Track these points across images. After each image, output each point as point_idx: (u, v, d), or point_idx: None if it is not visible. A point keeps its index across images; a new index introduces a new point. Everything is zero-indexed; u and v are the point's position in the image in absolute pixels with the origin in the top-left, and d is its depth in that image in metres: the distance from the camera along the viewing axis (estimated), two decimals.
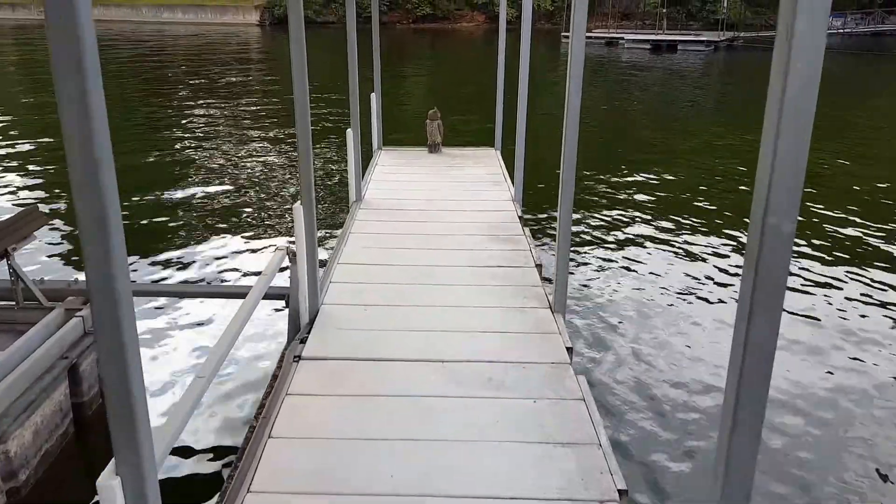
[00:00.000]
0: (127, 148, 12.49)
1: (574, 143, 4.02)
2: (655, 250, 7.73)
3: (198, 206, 9.19)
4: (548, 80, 23.57)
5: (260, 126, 14.70)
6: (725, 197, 10.09)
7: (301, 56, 3.79)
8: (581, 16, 3.76)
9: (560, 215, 4.15)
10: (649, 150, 13.32)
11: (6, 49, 34.17)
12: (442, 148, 9.25)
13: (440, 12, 53.11)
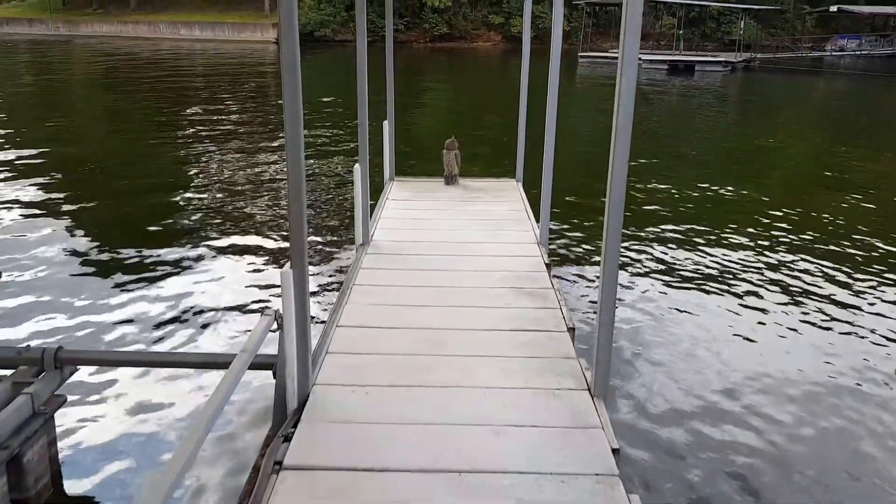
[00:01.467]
0: (135, 170, 11.99)
1: (622, 188, 3.30)
2: (716, 294, 6.97)
3: (196, 233, 8.58)
4: (562, 103, 22.95)
5: (273, 147, 14.17)
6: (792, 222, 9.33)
7: (295, 101, 3.14)
8: (632, 37, 3.07)
9: (603, 272, 3.40)
10: (697, 177, 12.54)
11: (22, 63, 34.09)
12: (459, 179, 8.59)
13: (457, 32, 52.85)
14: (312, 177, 11.53)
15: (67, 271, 7.19)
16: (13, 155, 12.79)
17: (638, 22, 3.08)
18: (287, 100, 3.12)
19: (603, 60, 38.21)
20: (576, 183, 11.26)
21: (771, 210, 10.15)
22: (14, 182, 10.87)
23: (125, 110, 19.44)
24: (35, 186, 10.60)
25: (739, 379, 5.21)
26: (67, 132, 15.75)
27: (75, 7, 64.37)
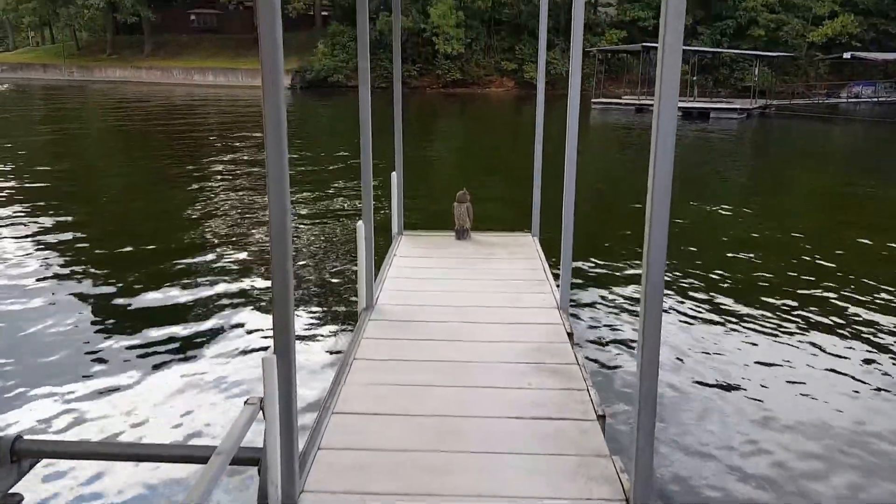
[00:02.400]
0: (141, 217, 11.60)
1: (662, 248, 2.76)
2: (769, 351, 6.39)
3: (200, 282, 8.09)
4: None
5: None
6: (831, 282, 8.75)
7: (280, 166, 2.65)
8: (671, 77, 2.55)
9: (643, 357, 2.83)
10: (736, 231, 11.95)
11: (34, 110, 34.35)
12: (471, 233, 8.09)
13: (470, 77, 53.16)
14: (314, 232, 11.07)
15: (36, 345, 6.62)
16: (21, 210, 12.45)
17: (676, 74, 2.55)
18: (271, 163, 2.63)
19: (615, 106, 38.12)
20: (593, 231, 10.76)
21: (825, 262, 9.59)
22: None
23: (136, 164, 19.19)
24: (16, 244, 10.16)
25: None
26: (74, 193, 15.01)
27: (89, 52, 65.48)
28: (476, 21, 52.90)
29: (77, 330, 6.97)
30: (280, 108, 2.59)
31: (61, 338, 6.73)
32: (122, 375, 5.90)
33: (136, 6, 60.01)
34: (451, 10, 49.73)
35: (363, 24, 5.29)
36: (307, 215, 12.11)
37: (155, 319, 7.14)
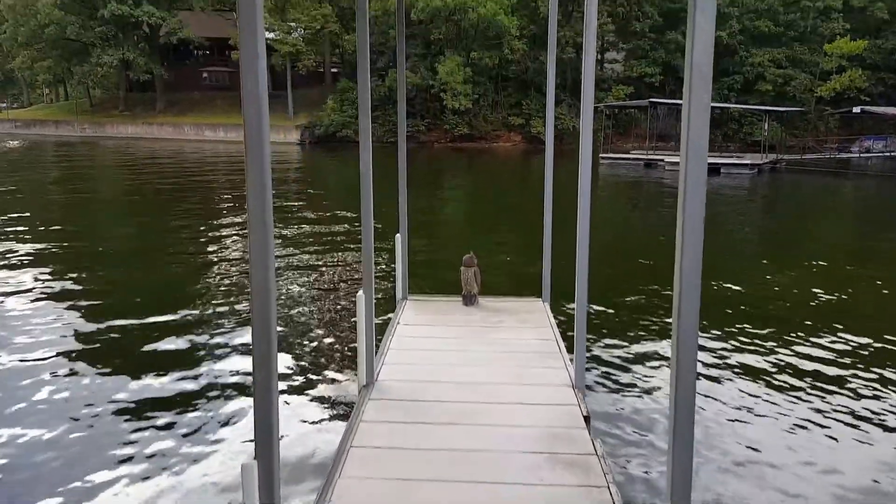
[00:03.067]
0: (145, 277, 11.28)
1: (693, 323, 2.37)
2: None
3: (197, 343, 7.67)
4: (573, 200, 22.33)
5: (292, 253, 13.49)
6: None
7: (266, 243, 2.33)
8: (698, 136, 2.24)
9: (673, 455, 2.41)
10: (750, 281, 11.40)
11: (46, 163, 34.61)
12: (479, 299, 7.70)
13: (477, 132, 53.52)
14: (313, 294, 10.66)
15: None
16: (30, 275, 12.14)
17: (705, 133, 2.23)
18: (254, 232, 2.31)
19: (624, 161, 38.08)
20: (607, 294, 10.30)
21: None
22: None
23: (145, 226, 19.00)
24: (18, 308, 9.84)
25: None
26: (81, 255, 14.48)
27: (102, 109, 66.57)
28: (483, 77, 53.53)
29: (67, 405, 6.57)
30: (264, 167, 2.30)
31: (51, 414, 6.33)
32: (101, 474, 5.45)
33: (149, 64, 61.22)
34: (459, 67, 50.38)
35: (364, 101, 5.04)
36: (307, 279, 11.65)
37: (138, 411, 6.53)
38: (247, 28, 2.24)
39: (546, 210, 7.41)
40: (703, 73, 2.15)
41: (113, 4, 56.01)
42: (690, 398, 2.31)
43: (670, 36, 54.07)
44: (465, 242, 15.44)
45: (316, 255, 13.45)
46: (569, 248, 5.29)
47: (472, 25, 50.13)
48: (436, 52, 52.84)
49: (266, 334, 2.35)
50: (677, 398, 2.31)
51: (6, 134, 63.68)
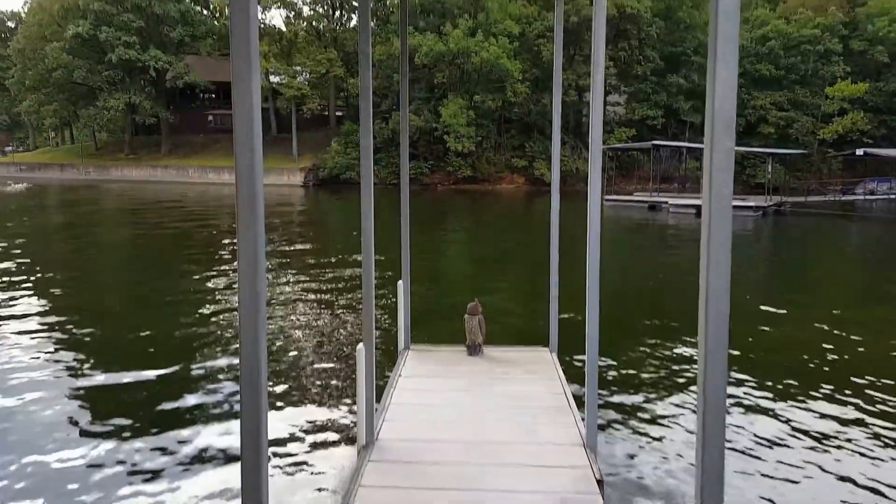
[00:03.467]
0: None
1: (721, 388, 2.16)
2: None
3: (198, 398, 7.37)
4: (580, 242, 22.04)
5: (293, 297, 13.21)
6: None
7: (256, 292, 2.11)
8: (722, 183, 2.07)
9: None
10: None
11: (48, 209, 34.63)
12: (484, 348, 7.42)
13: (481, 174, 53.66)
14: (312, 344, 10.35)
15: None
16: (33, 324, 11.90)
17: (729, 179, 2.10)
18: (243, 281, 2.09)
19: (627, 203, 38.01)
20: (617, 343, 10.00)
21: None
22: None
23: (146, 273, 18.83)
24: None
25: None
26: (81, 307, 14.20)
27: (107, 152, 67.03)
28: (486, 120, 53.91)
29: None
30: (256, 213, 2.08)
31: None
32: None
33: (155, 108, 61.83)
34: (462, 110, 50.75)
35: (366, 153, 4.87)
36: (305, 327, 11.28)
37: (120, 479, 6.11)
38: (241, 77, 2.08)
39: (552, 257, 7.18)
40: (727, 122, 2.06)
41: (121, 49, 56.79)
42: (719, 467, 2.10)
43: (672, 79, 54.60)
44: (468, 287, 15.22)
45: (315, 302, 13.13)
46: (573, 292, 5.05)
47: (475, 69, 50.65)
48: (439, 95, 53.31)
49: (255, 400, 2.10)
50: (704, 461, 2.10)
51: (10, 177, 63.98)
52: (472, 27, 51.26)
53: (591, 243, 4.89)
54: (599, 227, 5.00)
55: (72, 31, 56.48)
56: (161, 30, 61.29)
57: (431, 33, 51.43)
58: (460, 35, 49.65)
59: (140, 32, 59.42)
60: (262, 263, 2.14)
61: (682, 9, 56.17)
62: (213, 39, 62.82)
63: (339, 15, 62.26)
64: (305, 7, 60.02)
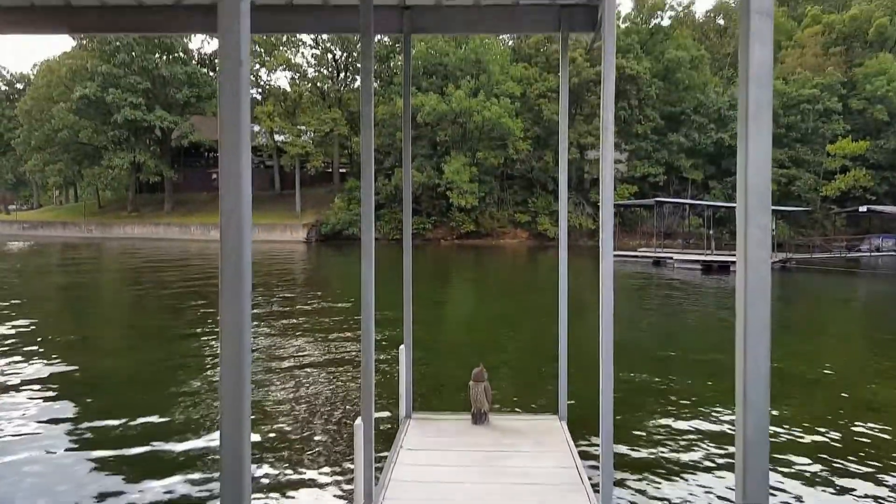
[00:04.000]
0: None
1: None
2: None
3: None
4: (594, 302, 21.66)
5: (293, 356, 12.80)
6: None
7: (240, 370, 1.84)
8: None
9: None
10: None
11: (53, 269, 34.46)
12: (490, 417, 7.03)
13: (484, 229, 53.74)
14: (305, 417, 9.90)
15: None
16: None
17: (766, 249, 1.96)
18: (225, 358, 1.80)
19: (632, 259, 37.82)
20: (631, 409, 9.55)
21: None
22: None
23: (143, 336, 18.50)
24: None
25: None
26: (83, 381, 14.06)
27: (111, 210, 67.40)
28: (489, 176, 54.29)
29: None
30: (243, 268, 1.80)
31: None
32: None
33: (159, 166, 62.40)
34: (465, 167, 51.15)
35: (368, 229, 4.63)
36: (299, 393, 10.80)
37: None
38: (230, 135, 1.86)
39: (561, 320, 6.85)
40: (761, 196, 1.93)
41: (127, 110, 57.64)
42: None
43: (672, 137, 55.17)
44: (472, 347, 14.82)
45: (311, 367, 12.56)
46: (582, 353, 4.71)
47: (477, 127, 51.24)
48: (442, 152, 53.82)
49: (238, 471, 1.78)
50: None
51: (12, 235, 64.11)
52: (474, 88, 52.09)
53: (603, 310, 4.58)
54: (612, 295, 4.70)
55: (79, 93, 57.45)
56: (167, 91, 62.35)
57: (434, 93, 52.22)
58: (462, 95, 50.39)
59: (147, 93, 60.44)
60: (248, 326, 1.88)
61: (680, 70, 57.18)
62: (216, 100, 63.72)
63: (343, 76, 63.43)
64: (310, 69, 61.25)
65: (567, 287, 6.81)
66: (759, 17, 1.91)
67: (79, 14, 5.95)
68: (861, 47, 58.14)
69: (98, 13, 5.99)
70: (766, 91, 1.91)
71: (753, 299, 1.95)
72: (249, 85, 1.90)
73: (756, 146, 1.90)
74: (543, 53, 57.94)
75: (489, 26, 6.85)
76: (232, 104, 1.84)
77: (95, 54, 59.18)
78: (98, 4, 5.89)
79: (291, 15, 6.28)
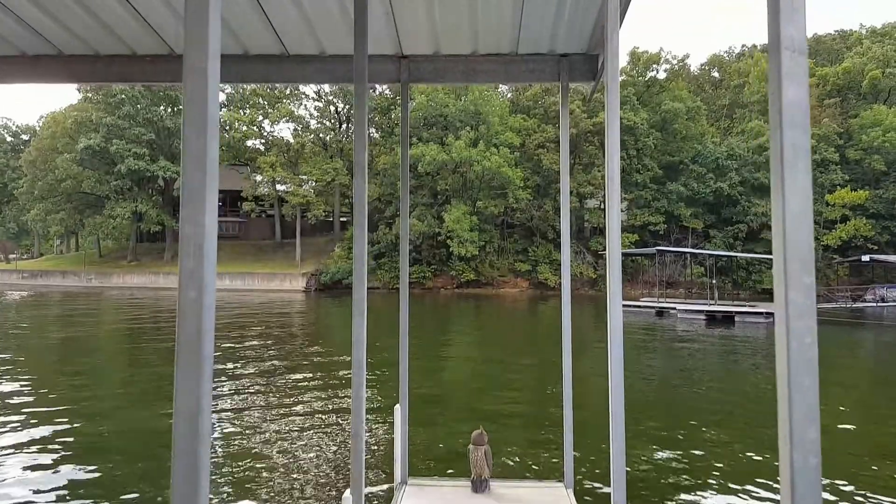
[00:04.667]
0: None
1: None
2: None
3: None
4: (599, 354, 21.20)
5: (292, 412, 12.35)
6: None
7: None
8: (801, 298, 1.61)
9: None
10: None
11: (52, 319, 34.08)
12: (491, 483, 6.61)
13: (484, 278, 53.46)
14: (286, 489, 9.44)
15: None
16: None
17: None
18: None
19: (634, 309, 37.40)
20: (645, 474, 9.10)
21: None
22: None
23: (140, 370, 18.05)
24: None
25: None
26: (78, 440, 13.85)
27: (111, 259, 67.32)
28: (489, 225, 54.32)
29: None
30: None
31: None
32: None
33: (161, 216, 62.54)
34: (465, 216, 51.20)
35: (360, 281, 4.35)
36: (283, 458, 10.35)
37: None
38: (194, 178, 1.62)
39: (565, 381, 6.50)
40: (803, 257, 1.68)
41: (130, 160, 58.07)
42: None
43: (671, 186, 55.37)
44: (471, 404, 14.34)
45: (299, 429, 12.08)
46: (587, 412, 4.34)
47: (478, 177, 51.48)
48: (442, 201, 53.94)
49: None
50: None
51: (11, 284, 63.84)
52: (474, 138, 52.50)
53: (613, 367, 4.25)
54: (622, 355, 4.37)
55: (83, 144, 57.96)
56: (171, 142, 62.93)
57: (434, 143, 52.60)
58: (462, 146, 50.75)
59: (150, 144, 61.00)
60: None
61: (676, 121, 57.74)
62: (221, 150, 64.37)
63: (345, 127, 64.12)
64: (313, 120, 61.94)
65: (570, 343, 6.48)
66: (790, 54, 1.70)
67: (72, 63, 5.83)
68: (855, 99, 58.84)
69: (91, 63, 5.86)
70: (802, 134, 1.67)
71: (798, 379, 1.66)
72: (217, 141, 1.66)
73: (794, 196, 1.66)
74: (541, 105, 58.58)
75: (487, 76, 6.69)
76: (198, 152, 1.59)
77: (101, 106, 59.94)
78: (91, 53, 5.75)
79: (287, 64, 6.14)
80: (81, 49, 5.73)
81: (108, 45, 5.65)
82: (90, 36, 5.52)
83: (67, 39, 5.57)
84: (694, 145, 57.86)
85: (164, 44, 5.56)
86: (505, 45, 6.25)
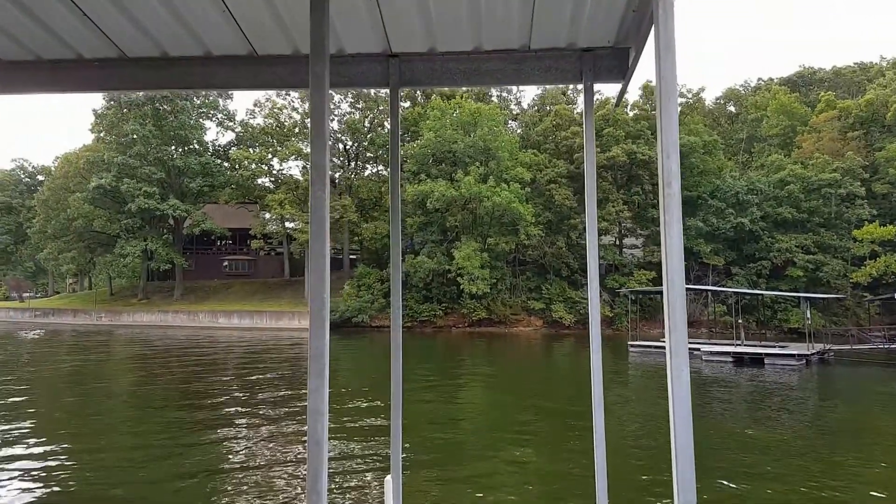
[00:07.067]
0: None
1: None
2: None
3: None
4: (625, 397, 19.65)
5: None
6: None
7: None
8: None
9: None
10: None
11: (61, 357, 33.01)
12: None
13: (496, 316, 51.83)
14: None
15: None
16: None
17: None
18: None
19: (655, 350, 35.63)
20: None
21: None
22: None
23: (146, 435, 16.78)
24: None
25: None
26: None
27: (121, 297, 66.72)
28: (500, 262, 52.94)
29: None
30: None
31: None
32: None
33: (171, 254, 61.95)
34: (476, 252, 49.85)
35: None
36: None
37: None
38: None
39: (596, 438, 5.10)
40: None
41: (141, 199, 57.67)
42: None
43: (690, 222, 53.88)
44: (482, 464, 12.79)
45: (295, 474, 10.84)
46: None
47: (488, 213, 50.25)
48: (452, 237, 52.78)
49: None
50: None
51: (24, 323, 63.44)
52: (484, 174, 51.40)
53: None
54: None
55: (95, 183, 57.81)
56: (181, 181, 62.63)
57: (443, 180, 51.62)
58: (472, 181, 49.63)
59: (161, 183, 60.72)
60: None
61: (693, 155, 56.40)
62: (231, 189, 63.89)
63: (353, 165, 63.66)
64: None
65: (602, 401, 5.10)
66: None
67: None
68: (879, 131, 57.39)
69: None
70: None
71: None
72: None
73: None
74: (552, 140, 57.65)
75: (494, 77, 5.41)
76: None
77: (113, 146, 59.97)
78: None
79: (256, 66, 4.94)
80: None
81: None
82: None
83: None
84: (712, 179, 56.51)
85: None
86: (514, 40, 4.99)
